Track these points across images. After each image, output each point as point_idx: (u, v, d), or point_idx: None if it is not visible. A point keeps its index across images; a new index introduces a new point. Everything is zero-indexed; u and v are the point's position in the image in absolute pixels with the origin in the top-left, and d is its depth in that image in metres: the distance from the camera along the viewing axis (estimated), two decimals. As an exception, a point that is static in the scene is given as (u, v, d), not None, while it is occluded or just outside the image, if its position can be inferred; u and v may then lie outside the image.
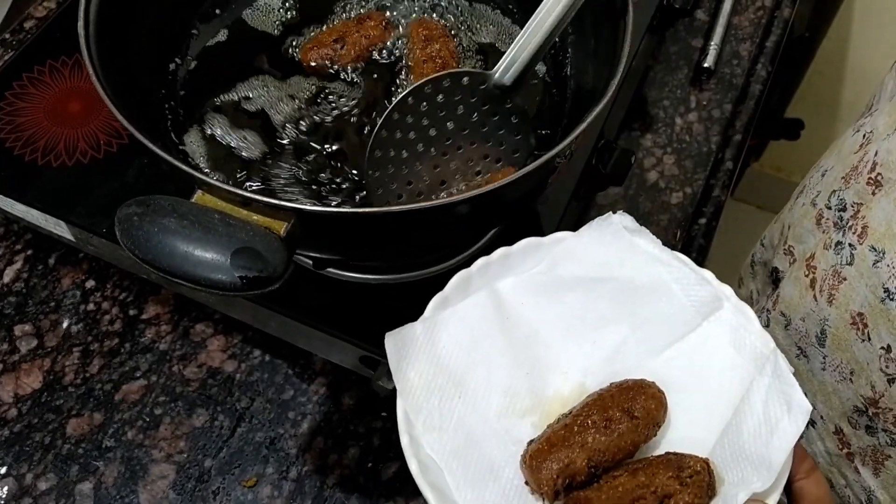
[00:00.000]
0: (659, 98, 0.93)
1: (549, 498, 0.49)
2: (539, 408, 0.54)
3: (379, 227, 0.53)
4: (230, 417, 0.71)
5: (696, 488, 0.47)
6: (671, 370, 0.54)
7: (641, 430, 0.50)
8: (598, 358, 0.55)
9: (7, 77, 0.77)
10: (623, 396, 0.51)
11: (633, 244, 0.57)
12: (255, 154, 0.67)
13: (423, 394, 0.51)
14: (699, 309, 0.55)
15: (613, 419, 0.50)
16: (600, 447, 0.49)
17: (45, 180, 0.72)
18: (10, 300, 0.76)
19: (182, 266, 0.46)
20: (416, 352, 0.52)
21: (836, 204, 0.69)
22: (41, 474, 0.68)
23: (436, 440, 0.50)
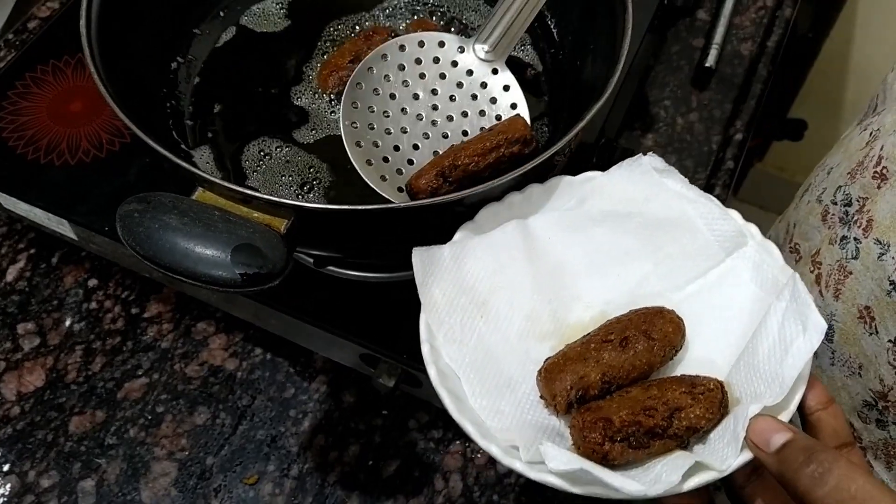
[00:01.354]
0: (660, 98, 0.93)
1: (561, 409, 0.50)
2: (559, 333, 0.55)
3: (378, 224, 0.54)
4: (232, 415, 0.72)
5: (707, 403, 0.47)
6: (692, 304, 0.54)
7: (657, 352, 0.51)
8: (621, 290, 0.56)
9: (10, 76, 0.77)
10: (641, 319, 0.52)
11: (662, 183, 0.57)
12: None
13: (446, 310, 0.52)
14: (723, 245, 0.56)
15: (630, 338, 0.50)
16: (615, 363, 0.50)
17: (48, 179, 0.72)
18: (14, 298, 0.77)
19: (183, 262, 0.46)
20: (442, 272, 0.53)
21: (842, 199, 0.70)
22: (44, 472, 0.69)
23: (455, 351, 0.51)
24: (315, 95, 0.71)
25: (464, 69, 0.63)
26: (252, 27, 0.75)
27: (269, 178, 0.66)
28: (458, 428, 0.70)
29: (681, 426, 0.47)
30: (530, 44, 0.75)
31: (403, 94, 0.62)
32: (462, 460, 0.70)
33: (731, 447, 0.45)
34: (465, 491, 0.69)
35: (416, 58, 0.63)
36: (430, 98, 0.63)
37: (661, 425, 0.47)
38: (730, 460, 0.45)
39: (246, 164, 0.67)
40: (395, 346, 0.64)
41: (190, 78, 0.71)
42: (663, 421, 0.47)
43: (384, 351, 0.64)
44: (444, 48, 0.63)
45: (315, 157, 0.68)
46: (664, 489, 0.44)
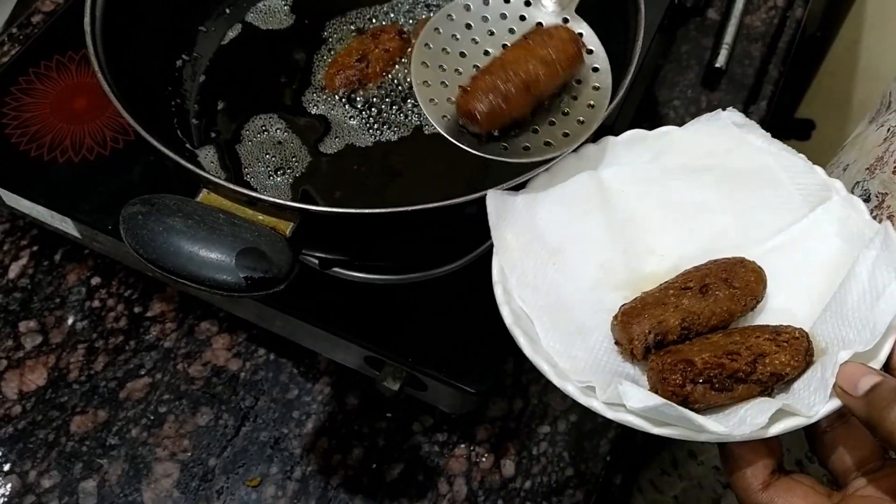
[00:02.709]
0: (669, 98, 0.92)
1: (638, 353, 0.48)
2: (633, 284, 0.53)
3: (385, 227, 0.53)
4: (235, 416, 0.71)
5: (792, 350, 0.46)
6: (774, 258, 0.53)
7: (738, 300, 0.49)
8: (697, 243, 0.55)
9: (13, 72, 0.76)
10: (721, 268, 0.50)
11: (742, 136, 0.56)
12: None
13: (519, 254, 0.51)
14: (807, 198, 0.54)
15: (710, 286, 0.49)
16: (695, 309, 0.49)
17: (51, 176, 0.72)
18: (16, 296, 0.76)
19: (187, 266, 0.45)
20: (515, 217, 0.52)
21: (860, 195, 0.69)
22: (45, 472, 0.68)
23: (529, 294, 0.50)
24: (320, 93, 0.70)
25: (533, 22, 0.61)
26: (258, 24, 0.75)
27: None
28: (462, 431, 0.71)
29: (765, 372, 0.45)
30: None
31: (474, 52, 0.60)
32: (466, 464, 0.70)
33: (818, 393, 0.44)
34: (469, 495, 0.68)
35: (483, 15, 0.61)
36: (497, 50, 0.61)
37: (744, 370, 0.45)
38: (817, 406, 0.44)
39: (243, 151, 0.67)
40: (401, 349, 0.63)
41: (195, 76, 0.70)
42: (747, 366, 0.45)
43: (389, 354, 0.64)
44: (509, 3, 0.61)
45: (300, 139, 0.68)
46: (749, 431, 0.43)
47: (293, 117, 0.69)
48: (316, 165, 0.66)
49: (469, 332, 0.65)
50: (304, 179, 0.66)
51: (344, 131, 0.68)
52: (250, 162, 0.66)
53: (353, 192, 0.65)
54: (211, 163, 0.66)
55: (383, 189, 0.66)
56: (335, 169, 0.66)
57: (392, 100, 0.70)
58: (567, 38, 0.56)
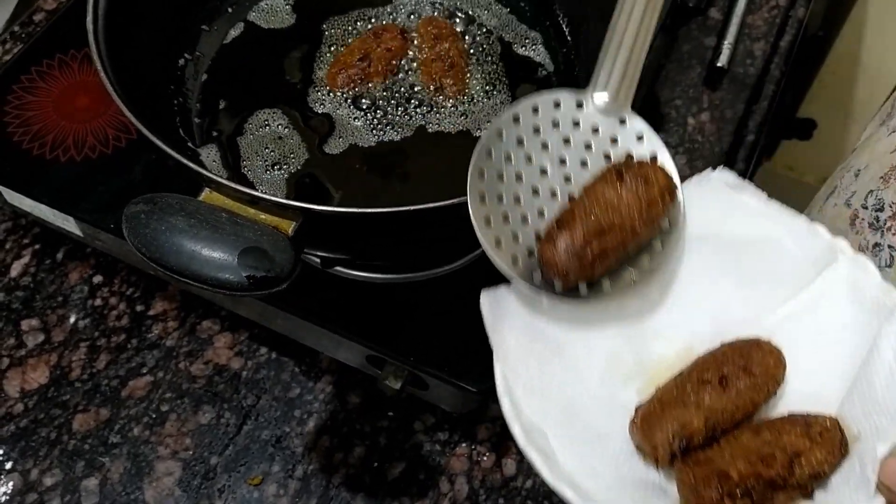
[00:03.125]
0: (671, 97, 0.92)
1: (663, 462, 0.46)
2: (644, 373, 0.50)
3: (387, 227, 0.53)
4: (236, 415, 0.71)
5: (827, 444, 0.44)
6: (785, 329, 0.50)
7: (760, 388, 0.47)
8: (704, 320, 0.51)
9: (16, 70, 0.76)
10: (737, 354, 0.47)
11: (736, 199, 0.53)
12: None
13: (522, 357, 0.48)
14: (812, 263, 0.51)
15: (730, 376, 0.46)
16: (718, 406, 0.45)
17: (54, 175, 0.72)
18: (18, 294, 0.76)
19: (189, 265, 0.45)
20: (512, 313, 0.49)
21: (874, 204, 0.68)
22: (47, 470, 0.68)
23: (538, 403, 0.47)
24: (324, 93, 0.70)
25: (588, 127, 0.54)
26: (260, 23, 0.75)
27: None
28: (464, 430, 0.71)
29: (804, 474, 0.43)
30: (542, 43, 0.74)
31: (530, 172, 0.52)
32: (468, 463, 0.70)
33: (860, 491, 0.42)
34: (470, 494, 0.68)
35: (534, 126, 0.53)
36: (559, 170, 0.52)
37: (781, 475, 0.43)
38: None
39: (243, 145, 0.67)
40: (402, 348, 0.63)
41: (198, 75, 0.70)
42: (784, 470, 0.43)
43: (390, 353, 0.64)
44: (560, 109, 0.53)
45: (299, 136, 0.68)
46: None
47: (296, 114, 0.69)
48: (315, 162, 0.66)
49: (471, 331, 0.64)
50: (301, 175, 0.66)
51: (347, 131, 0.68)
52: (249, 155, 0.66)
53: (355, 191, 0.65)
54: (213, 161, 0.66)
55: (385, 189, 0.66)
56: (338, 168, 0.66)
57: (396, 101, 0.70)
58: (666, 185, 0.50)
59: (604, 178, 0.49)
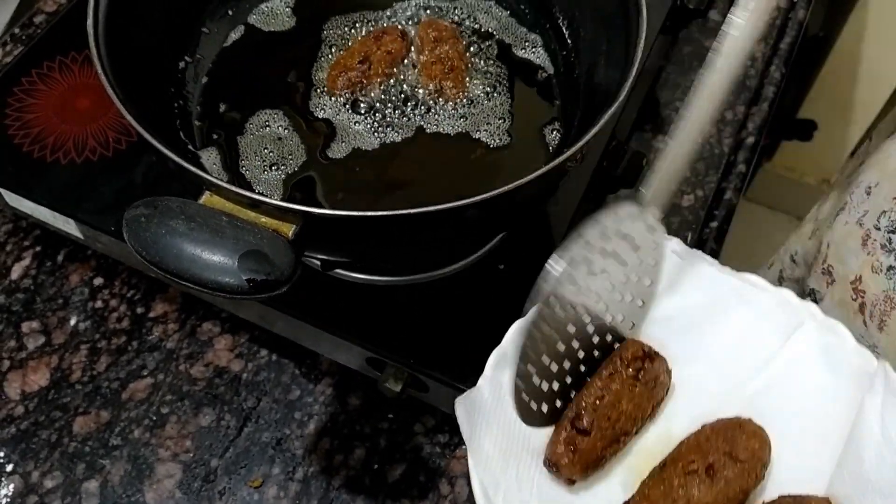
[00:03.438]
0: (671, 99, 0.92)
1: None
2: (623, 464, 0.49)
3: (387, 231, 0.53)
4: (237, 417, 0.71)
5: None
6: (763, 402, 0.49)
7: (749, 474, 0.45)
8: (680, 401, 0.51)
9: (16, 73, 0.76)
10: (721, 438, 0.46)
11: (690, 271, 0.52)
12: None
13: (500, 464, 0.47)
14: (777, 330, 0.51)
15: (716, 465, 0.45)
16: (708, 500, 0.44)
17: (54, 177, 0.72)
18: (18, 297, 0.76)
19: (189, 269, 0.45)
20: (487, 417, 0.48)
21: (887, 225, 0.66)
22: (47, 472, 0.68)
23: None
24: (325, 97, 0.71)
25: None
26: (260, 26, 0.75)
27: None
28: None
29: None
30: (542, 45, 0.74)
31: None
32: (468, 465, 0.70)
33: None
34: (470, 496, 0.68)
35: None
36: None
37: None
38: None
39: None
40: (402, 350, 0.64)
41: (198, 77, 0.70)
42: None
43: (391, 355, 0.64)
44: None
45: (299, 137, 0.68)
46: None
47: (296, 116, 0.69)
48: (313, 164, 0.66)
49: (471, 333, 0.65)
50: (299, 176, 0.66)
51: (348, 135, 0.68)
52: (248, 155, 0.66)
53: (354, 193, 0.65)
54: (213, 164, 0.66)
55: (386, 192, 0.66)
56: (337, 172, 0.66)
57: (394, 104, 0.70)
58: (666, 383, 0.50)
59: (620, 375, 0.49)
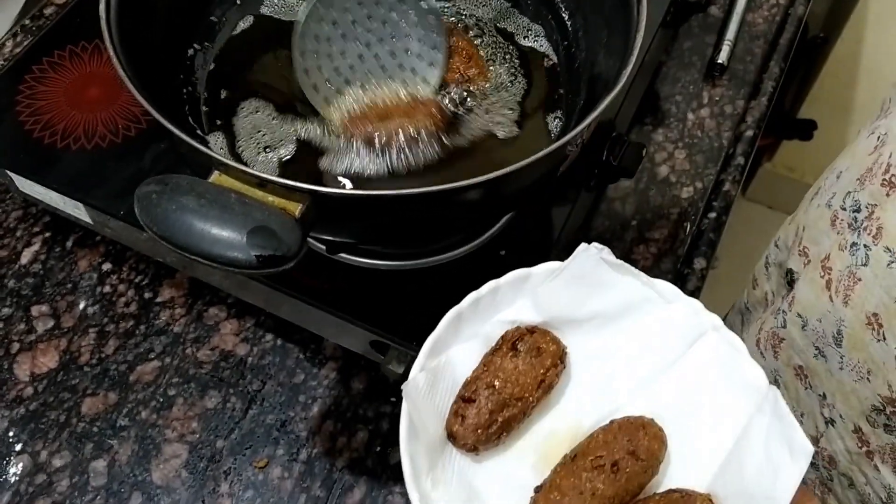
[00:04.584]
0: (671, 93, 0.93)
1: None
2: (536, 449, 0.54)
3: (391, 210, 0.54)
4: (242, 399, 0.72)
5: None
6: (663, 403, 0.54)
7: (647, 471, 0.51)
8: (591, 395, 0.56)
9: (28, 60, 0.78)
10: (625, 437, 0.51)
11: (614, 277, 0.56)
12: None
13: (429, 449, 0.51)
14: (683, 336, 0.56)
15: (620, 462, 0.50)
16: (610, 493, 0.49)
17: (65, 163, 0.73)
18: (28, 281, 0.78)
19: (199, 244, 0.47)
20: (423, 404, 0.52)
21: (851, 205, 0.70)
22: (56, 452, 0.70)
23: (444, 492, 0.50)
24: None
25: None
26: (270, 15, 0.76)
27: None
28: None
29: None
30: (544, 35, 0.75)
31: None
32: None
33: None
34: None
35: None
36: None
37: None
38: None
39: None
40: (405, 333, 0.65)
41: (206, 65, 0.71)
42: None
43: (394, 338, 0.65)
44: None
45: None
46: None
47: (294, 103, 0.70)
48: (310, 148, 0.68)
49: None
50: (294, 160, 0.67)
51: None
52: (243, 137, 0.68)
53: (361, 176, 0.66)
54: (221, 149, 0.67)
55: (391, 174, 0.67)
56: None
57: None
58: (556, 352, 0.55)
59: (500, 350, 0.54)
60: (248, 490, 0.68)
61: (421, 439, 0.51)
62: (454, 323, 0.55)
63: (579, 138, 0.56)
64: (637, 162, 0.76)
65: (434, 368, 0.53)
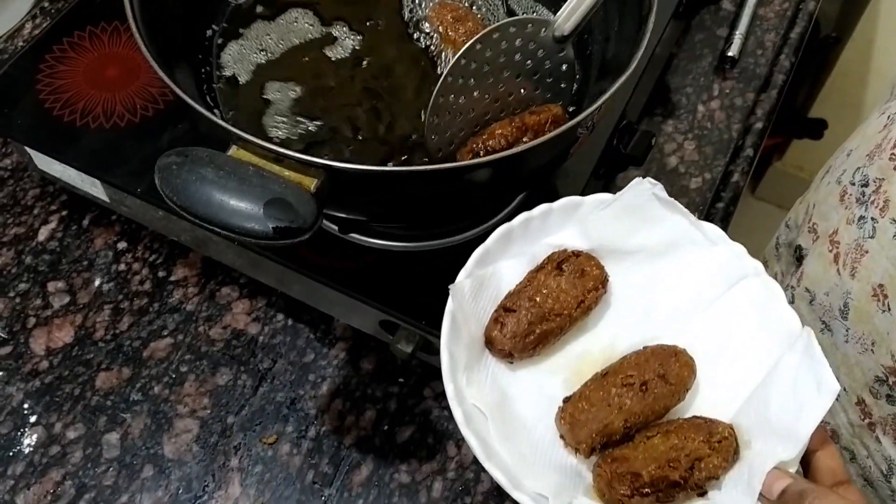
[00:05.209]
0: (682, 85, 0.94)
1: (585, 455, 0.51)
2: (569, 366, 0.56)
3: (404, 186, 0.55)
4: (252, 377, 0.74)
5: (724, 453, 0.50)
6: (698, 337, 0.56)
7: (674, 395, 0.52)
8: (628, 322, 0.57)
9: (48, 40, 0.79)
10: (657, 362, 0.53)
11: (663, 213, 0.58)
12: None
13: (468, 350, 0.53)
14: (724, 277, 0.57)
15: (650, 383, 0.52)
16: (636, 410, 0.51)
17: (83, 141, 0.74)
18: (45, 258, 0.79)
19: (218, 214, 0.48)
20: (467, 307, 0.54)
21: (860, 180, 0.71)
22: (70, 424, 0.71)
23: (477, 392, 0.52)
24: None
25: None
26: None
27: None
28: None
29: (701, 476, 0.49)
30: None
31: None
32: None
33: (746, 497, 0.48)
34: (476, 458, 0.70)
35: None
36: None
37: (683, 476, 0.49)
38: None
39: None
40: (415, 312, 0.65)
41: (224, 45, 0.73)
42: (686, 472, 0.49)
43: (403, 317, 0.66)
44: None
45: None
46: None
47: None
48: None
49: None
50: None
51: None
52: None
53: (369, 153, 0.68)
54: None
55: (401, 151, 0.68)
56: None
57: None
58: (598, 276, 0.57)
59: (545, 268, 0.56)
60: (257, 465, 0.69)
61: (462, 339, 0.53)
62: (504, 239, 0.57)
63: (590, 121, 0.57)
64: (646, 150, 0.77)
65: (481, 277, 0.55)
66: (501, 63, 0.62)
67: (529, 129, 0.62)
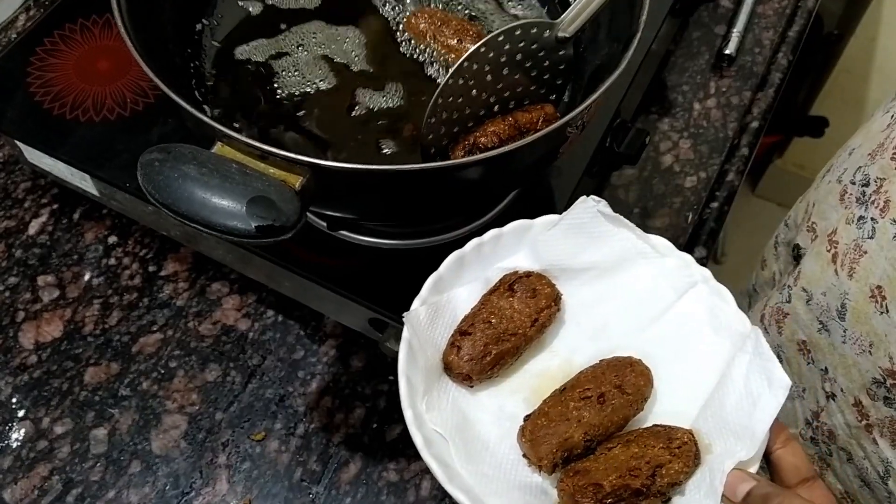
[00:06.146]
0: (678, 83, 0.93)
1: (547, 471, 0.51)
2: (529, 385, 0.56)
3: (390, 185, 0.55)
4: (242, 373, 0.73)
5: (684, 458, 0.50)
6: (653, 347, 0.56)
7: (632, 405, 0.53)
8: (584, 337, 0.58)
9: (39, 33, 0.79)
10: (613, 373, 0.53)
11: (610, 229, 0.59)
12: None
13: (426, 376, 0.53)
14: (674, 286, 0.58)
15: (607, 395, 0.52)
16: (596, 422, 0.52)
17: (73, 135, 0.74)
18: (35, 251, 0.79)
19: (200, 212, 0.47)
20: (423, 335, 0.54)
21: (861, 179, 0.71)
22: (58, 419, 0.71)
23: (437, 417, 0.52)
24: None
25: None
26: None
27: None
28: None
29: (663, 483, 0.49)
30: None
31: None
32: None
33: (709, 499, 0.48)
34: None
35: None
36: None
37: (645, 483, 0.49)
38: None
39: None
40: (404, 311, 0.65)
41: (213, 41, 0.72)
42: (647, 480, 0.49)
43: (393, 315, 0.66)
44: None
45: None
46: None
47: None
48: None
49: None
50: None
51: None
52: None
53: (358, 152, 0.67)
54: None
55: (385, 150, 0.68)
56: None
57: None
58: (550, 294, 0.57)
59: (498, 290, 0.57)
60: (245, 462, 0.69)
61: (419, 365, 0.53)
62: (457, 265, 0.57)
63: (580, 120, 0.57)
64: (640, 148, 0.76)
65: (435, 304, 0.56)
66: (502, 63, 0.62)
67: (522, 126, 0.62)
